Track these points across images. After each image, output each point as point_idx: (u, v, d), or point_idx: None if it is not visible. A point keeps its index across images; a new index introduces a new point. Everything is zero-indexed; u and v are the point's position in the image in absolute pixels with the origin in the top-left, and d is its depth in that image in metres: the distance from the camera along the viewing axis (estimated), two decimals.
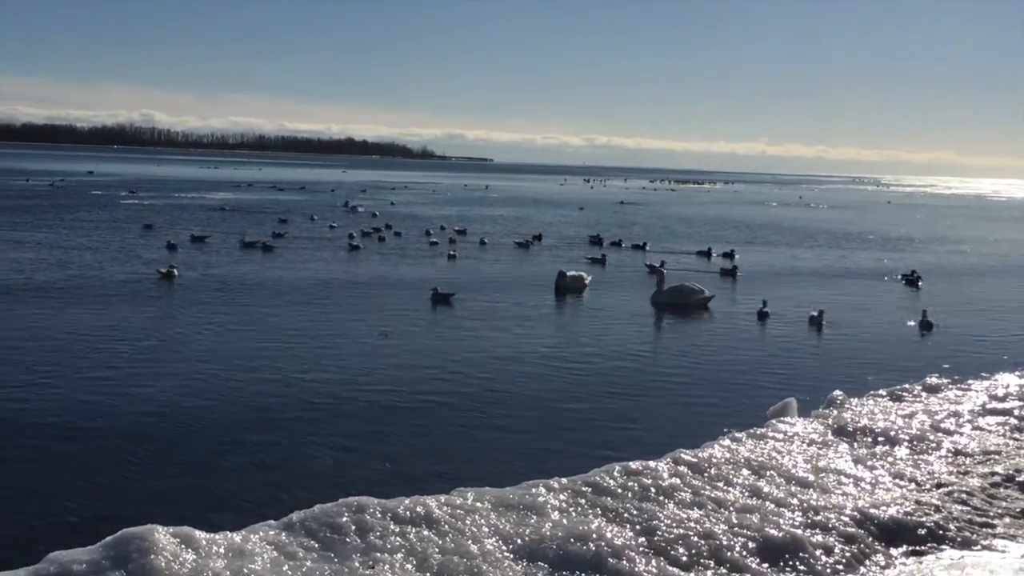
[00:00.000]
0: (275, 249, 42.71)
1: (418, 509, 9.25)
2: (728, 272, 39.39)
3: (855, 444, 13.43)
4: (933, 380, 17.69)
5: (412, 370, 19.36)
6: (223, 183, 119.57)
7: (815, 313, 27.25)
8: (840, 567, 9.54)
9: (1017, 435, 14.53)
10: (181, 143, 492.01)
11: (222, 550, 7.94)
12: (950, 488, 11.76)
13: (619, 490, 10.47)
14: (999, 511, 11.21)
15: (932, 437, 13.98)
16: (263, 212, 67.93)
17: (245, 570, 7.64)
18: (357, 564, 8.24)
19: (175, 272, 32.49)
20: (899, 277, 39.51)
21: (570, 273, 34.07)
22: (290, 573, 7.86)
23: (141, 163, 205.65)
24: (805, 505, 10.71)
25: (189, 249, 41.87)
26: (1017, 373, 19.09)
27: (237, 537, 8.27)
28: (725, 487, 11.04)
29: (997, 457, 13.26)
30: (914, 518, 10.64)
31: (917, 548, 10.13)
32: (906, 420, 14.71)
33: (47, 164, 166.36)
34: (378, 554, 8.45)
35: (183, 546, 7.76)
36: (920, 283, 37.80)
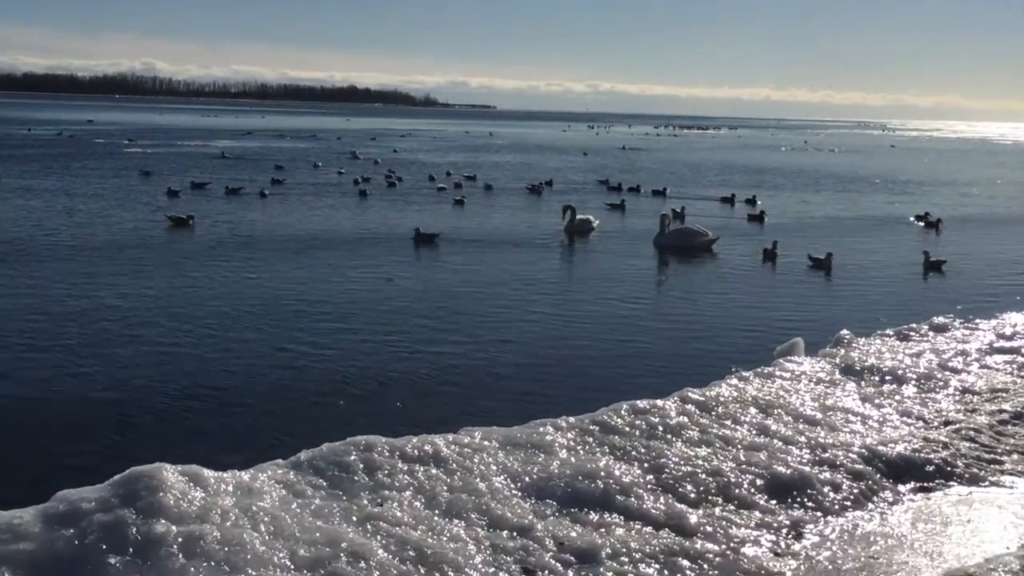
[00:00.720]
0: (268, 196, 42.51)
1: (426, 448, 9.24)
2: (755, 218, 38.99)
3: (862, 383, 13.40)
4: (940, 319, 17.64)
5: (418, 314, 19.40)
6: (226, 131, 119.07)
7: (822, 256, 27.16)
8: (848, 503, 9.53)
9: None
10: (183, 92, 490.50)
11: (230, 488, 7.94)
12: (958, 425, 11.73)
13: (626, 428, 10.45)
14: (1007, 448, 11.19)
15: (939, 375, 13.95)
16: (266, 159, 67.68)
17: (254, 507, 7.64)
18: (366, 502, 8.23)
19: (192, 220, 32.49)
20: (914, 219, 39.21)
21: (578, 216, 33.96)
22: (299, 511, 7.86)
23: (143, 112, 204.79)
24: (813, 443, 10.69)
25: (190, 196, 41.81)
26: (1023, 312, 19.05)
27: (245, 476, 8.26)
28: (733, 425, 11.02)
29: (1005, 395, 13.23)
30: (922, 455, 10.61)
31: (925, 484, 10.11)
32: (913, 359, 14.68)
33: (49, 113, 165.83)
34: (386, 492, 8.44)
35: (191, 484, 7.75)
36: (940, 226, 37.59)
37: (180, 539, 7.02)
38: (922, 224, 38.27)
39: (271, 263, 25.23)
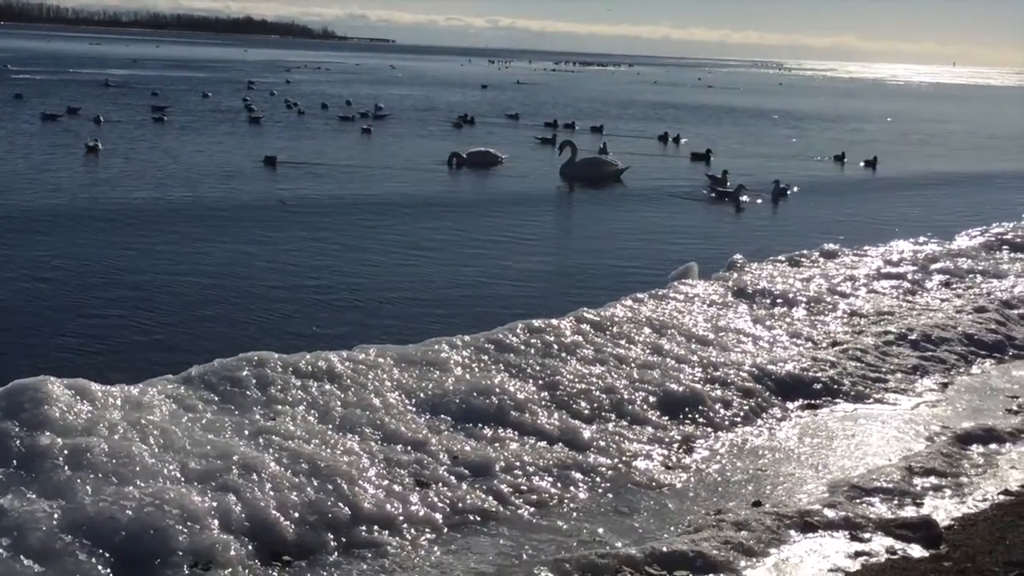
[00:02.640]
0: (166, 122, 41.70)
1: (320, 364, 9.17)
2: (700, 156, 38.67)
3: (754, 305, 13.62)
4: (830, 246, 17.98)
5: (313, 240, 19.23)
6: (118, 60, 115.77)
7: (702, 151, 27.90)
8: (738, 419, 9.71)
9: (910, 297, 14.88)
10: (71, 20, 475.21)
11: (118, 402, 7.80)
12: (845, 346, 11.99)
13: (522, 347, 10.48)
14: (891, 367, 11.48)
15: (829, 299, 14.24)
16: (166, 88, 66.08)
17: (143, 421, 7.52)
18: (258, 416, 8.16)
19: (99, 146, 31.93)
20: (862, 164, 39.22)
21: (473, 149, 33.71)
22: (189, 424, 7.76)
23: (28, 39, 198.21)
24: (705, 362, 10.84)
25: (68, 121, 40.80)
26: (911, 240, 19.51)
27: (134, 390, 8.13)
28: (627, 344, 11.12)
29: (890, 318, 13.56)
30: (810, 374, 10.84)
31: (812, 402, 10.34)
32: (804, 283, 14.95)
33: None
34: (279, 407, 8.38)
35: (78, 397, 7.59)
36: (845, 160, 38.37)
37: (66, 451, 6.89)
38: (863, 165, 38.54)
39: (167, 185, 24.75)
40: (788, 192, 28.47)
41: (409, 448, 8.04)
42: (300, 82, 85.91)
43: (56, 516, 6.28)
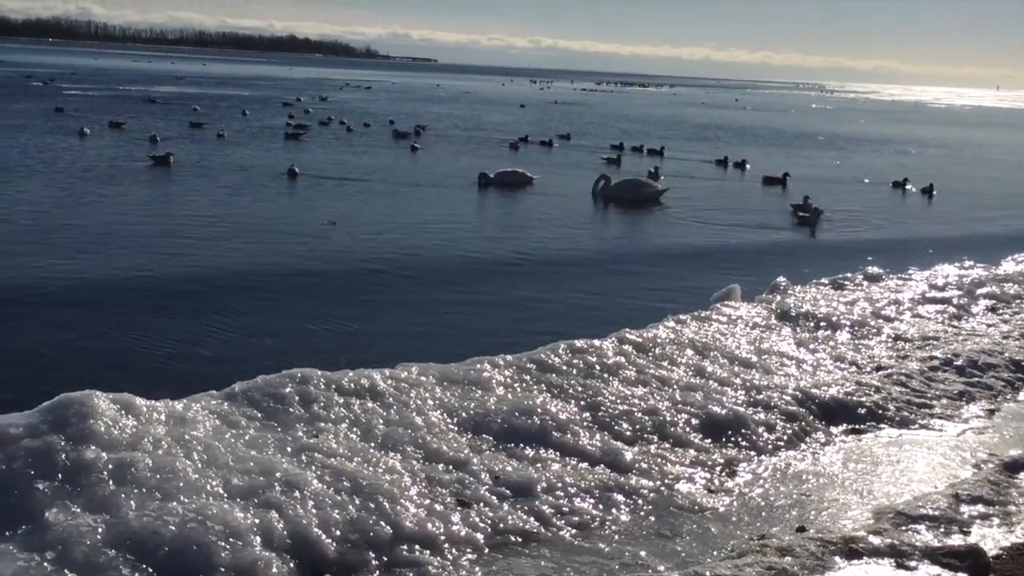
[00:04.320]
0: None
1: (363, 381, 9.18)
2: (776, 181, 37.82)
3: (797, 328, 13.53)
4: (874, 270, 17.85)
5: (359, 254, 19.34)
6: (165, 77, 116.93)
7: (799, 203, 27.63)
8: (781, 443, 9.62)
9: (955, 322, 14.73)
10: (119, 37, 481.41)
11: (163, 417, 7.83)
12: (890, 371, 11.88)
13: (564, 367, 10.46)
14: (937, 393, 11.35)
15: (873, 323, 14.12)
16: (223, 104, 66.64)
17: (187, 436, 7.55)
18: (300, 433, 8.17)
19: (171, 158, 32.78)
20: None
21: (505, 170, 33.52)
22: (232, 440, 7.78)
23: (77, 56, 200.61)
24: (748, 384, 10.77)
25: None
26: (955, 264, 19.34)
27: (178, 405, 8.16)
28: (669, 366, 11.08)
29: (935, 343, 13.43)
30: (854, 398, 10.74)
31: (857, 427, 10.24)
32: (848, 307, 14.84)
33: None
34: (322, 424, 8.39)
35: (123, 412, 7.63)
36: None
37: (111, 466, 6.92)
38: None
39: (217, 200, 24.94)
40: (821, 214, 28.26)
41: (451, 467, 8.03)
42: (349, 100, 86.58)
43: (100, 530, 6.31)
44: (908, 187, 37.26)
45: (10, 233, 19.90)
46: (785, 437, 9.74)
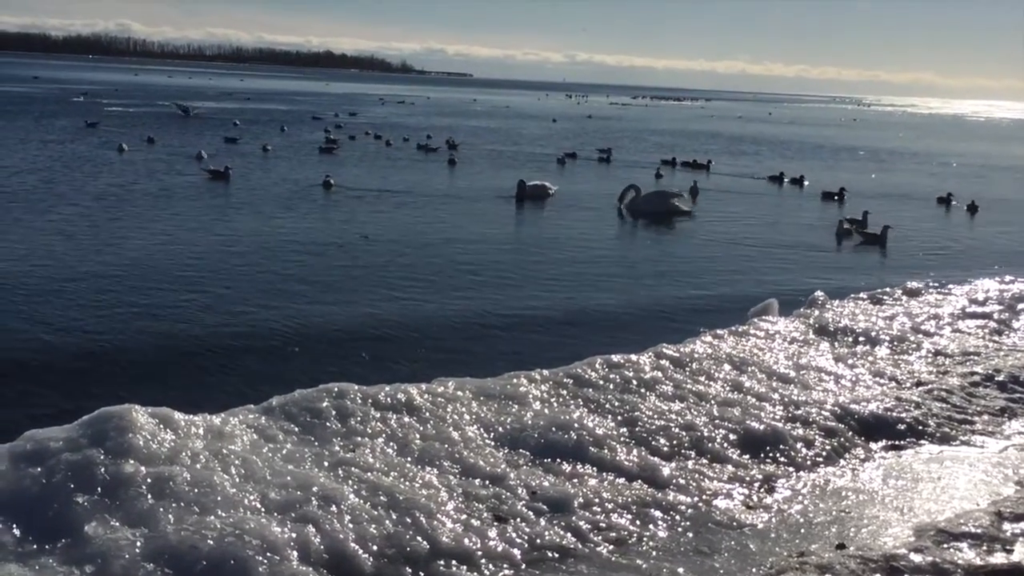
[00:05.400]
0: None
1: (399, 396, 9.19)
2: (832, 196, 37.46)
3: (836, 343, 13.44)
4: (913, 284, 17.72)
5: (393, 269, 19.35)
6: (205, 92, 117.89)
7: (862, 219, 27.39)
8: (820, 459, 9.55)
9: (996, 337, 14.57)
10: (157, 54, 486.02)
11: (201, 431, 7.87)
12: (930, 386, 11.77)
13: (601, 382, 10.44)
14: (978, 408, 11.24)
15: (912, 338, 14.00)
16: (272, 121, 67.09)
17: (224, 450, 7.58)
18: (337, 447, 8.19)
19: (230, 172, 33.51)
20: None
21: (531, 183, 33.44)
22: (270, 455, 7.81)
23: (117, 72, 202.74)
24: (786, 400, 10.71)
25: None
26: (996, 279, 19.15)
27: (216, 419, 8.20)
28: (707, 381, 11.03)
29: (976, 358, 13.29)
30: (894, 414, 10.65)
31: (897, 443, 10.15)
32: (887, 321, 14.73)
33: (22, 71, 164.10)
34: (358, 438, 8.40)
35: (161, 426, 7.68)
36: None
37: (149, 480, 6.96)
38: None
39: (249, 216, 25.05)
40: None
41: (487, 482, 8.02)
42: (387, 115, 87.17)
43: (139, 544, 6.34)
44: (953, 203, 36.60)
45: (63, 250, 20.05)
46: (824, 453, 9.67)
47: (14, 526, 6.45)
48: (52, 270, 17.84)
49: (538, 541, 7.29)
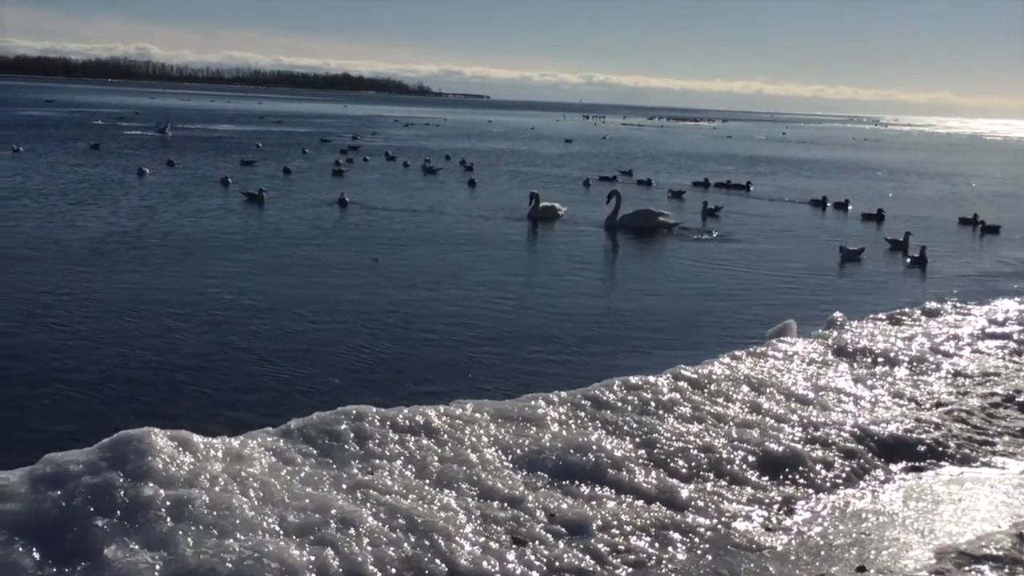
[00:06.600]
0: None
1: (417, 418, 9.20)
2: (872, 217, 37.20)
3: (855, 364, 13.40)
4: (932, 305, 17.65)
5: (407, 291, 19.37)
6: (222, 115, 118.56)
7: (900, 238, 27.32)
8: (839, 481, 9.52)
9: (1016, 358, 14.49)
10: (176, 77, 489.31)
11: (220, 454, 7.89)
12: (950, 407, 11.72)
13: (619, 404, 10.43)
14: (998, 430, 11.19)
15: (932, 359, 13.94)
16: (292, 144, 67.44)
17: (243, 473, 7.59)
18: (356, 470, 8.19)
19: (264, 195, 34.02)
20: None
21: (541, 204, 33.40)
22: (288, 477, 7.82)
23: (136, 96, 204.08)
24: (805, 421, 10.68)
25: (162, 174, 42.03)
26: (1016, 299, 19.06)
27: (235, 442, 8.22)
28: (725, 403, 11.01)
29: (996, 378, 13.23)
30: (914, 435, 10.61)
31: (917, 464, 10.11)
32: (906, 342, 14.68)
33: (42, 94, 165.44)
34: (377, 461, 8.41)
35: (180, 449, 7.69)
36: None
37: (168, 503, 6.97)
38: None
39: (259, 239, 25.16)
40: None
41: (506, 505, 8.01)
42: (405, 136, 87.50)
43: (158, 567, 6.35)
44: (978, 222, 36.13)
45: (87, 271, 20.16)
46: (843, 475, 9.64)
47: (34, 549, 6.46)
48: (74, 293, 17.92)
49: (556, 564, 7.28)
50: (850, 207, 40.49)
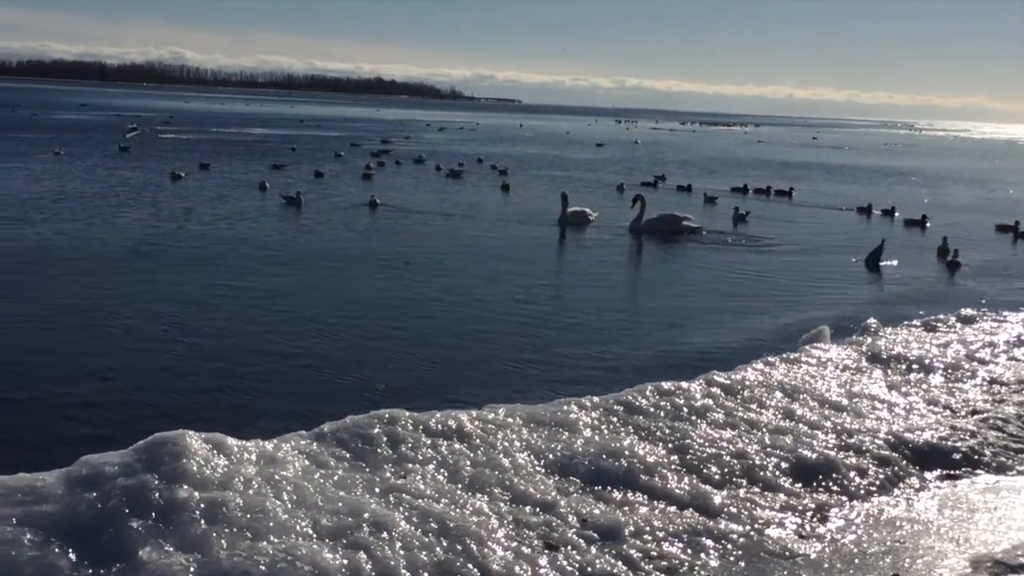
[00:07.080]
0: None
1: (450, 423, 9.21)
2: (916, 223, 37.21)
3: (889, 371, 13.32)
4: (968, 311, 17.51)
5: (438, 295, 19.38)
6: (256, 119, 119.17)
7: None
8: (874, 488, 9.46)
9: None
10: (210, 81, 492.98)
11: (253, 457, 7.92)
12: (985, 415, 11.63)
13: (651, 409, 10.41)
14: None
15: (967, 366, 13.84)
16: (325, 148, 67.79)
17: (277, 476, 7.63)
18: (388, 474, 8.21)
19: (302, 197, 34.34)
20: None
21: (571, 209, 33.30)
22: (321, 481, 7.84)
23: (170, 100, 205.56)
24: (839, 428, 10.62)
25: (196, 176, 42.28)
26: None
27: (269, 445, 8.25)
28: (758, 409, 10.97)
29: None
30: (949, 443, 10.53)
31: (952, 472, 10.04)
32: (941, 349, 14.57)
33: (78, 98, 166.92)
34: (409, 465, 8.43)
35: (215, 451, 7.73)
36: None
37: (203, 505, 7.01)
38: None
39: (296, 242, 25.25)
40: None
41: (538, 509, 8.01)
42: (439, 140, 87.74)
43: (192, 569, 6.38)
44: (1019, 231, 35.61)
45: (125, 274, 20.29)
46: (878, 482, 9.58)
47: (70, 550, 6.51)
48: (114, 294, 18.05)
49: (589, 569, 7.27)
50: (896, 214, 40.04)
